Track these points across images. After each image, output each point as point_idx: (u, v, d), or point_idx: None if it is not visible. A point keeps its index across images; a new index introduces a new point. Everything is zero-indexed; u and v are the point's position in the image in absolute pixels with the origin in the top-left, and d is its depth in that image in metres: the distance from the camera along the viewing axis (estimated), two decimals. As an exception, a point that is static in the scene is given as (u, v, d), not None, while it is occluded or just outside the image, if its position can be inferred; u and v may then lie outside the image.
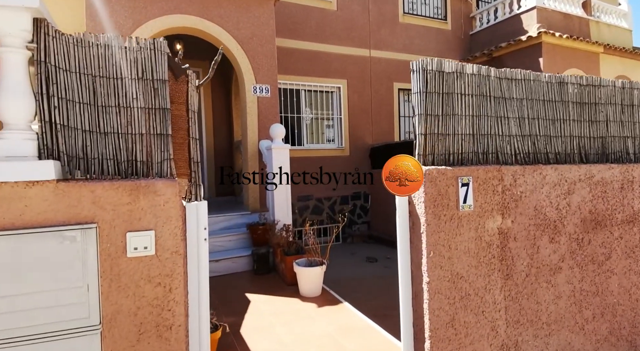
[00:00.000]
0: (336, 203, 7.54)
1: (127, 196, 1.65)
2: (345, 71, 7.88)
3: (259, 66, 5.71)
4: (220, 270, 4.89)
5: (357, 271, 5.71)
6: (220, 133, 7.64)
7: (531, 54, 8.31)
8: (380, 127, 8.26)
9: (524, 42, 8.26)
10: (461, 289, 2.23)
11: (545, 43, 8.15)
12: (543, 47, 8.11)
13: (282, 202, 5.11)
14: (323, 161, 7.48)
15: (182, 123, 1.86)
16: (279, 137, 5.13)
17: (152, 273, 1.68)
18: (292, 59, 7.34)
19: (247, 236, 5.28)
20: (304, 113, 7.51)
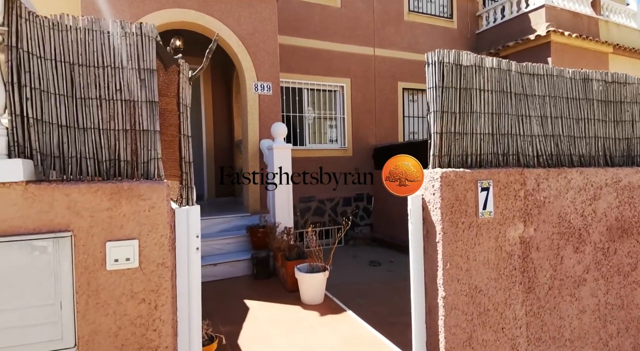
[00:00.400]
0: (338, 204, 7.33)
1: (107, 201, 1.45)
2: (348, 70, 7.68)
3: (260, 62, 5.50)
4: (218, 274, 4.68)
5: (360, 275, 5.50)
6: (220, 132, 7.44)
7: (539, 54, 8.08)
8: (384, 127, 8.05)
9: (532, 41, 8.04)
10: (480, 304, 2.02)
11: (554, 42, 7.93)
12: (552, 47, 7.88)
13: (283, 204, 4.90)
14: (325, 162, 7.27)
15: (173, 118, 1.65)
16: (281, 137, 4.93)
17: (135, 288, 1.48)
18: (295, 57, 7.13)
19: (246, 239, 5.07)
20: (306, 112, 7.30)
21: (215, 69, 7.38)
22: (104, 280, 1.45)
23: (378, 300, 4.35)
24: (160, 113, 1.63)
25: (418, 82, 8.57)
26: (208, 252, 4.92)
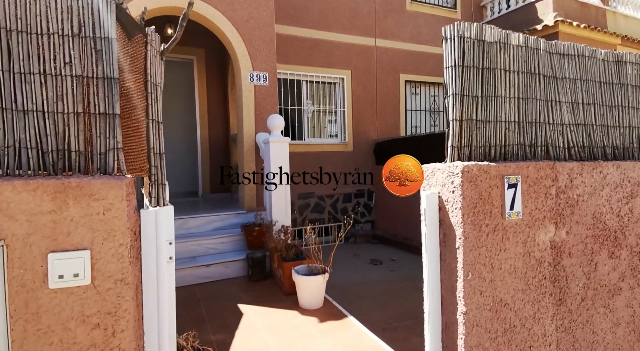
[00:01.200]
0: (338, 201, 7.03)
1: (49, 201, 1.14)
2: (349, 61, 7.34)
3: (256, 51, 5.17)
4: (212, 276, 4.39)
5: (361, 274, 5.21)
6: (215, 126, 7.10)
7: (546, 45, 7.75)
8: (385, 121, 7.73)
9: (539, 31, 7.70)
10: (505, 320, 1.72)
11: (562, 33, 7.59)
12: (559, 37, 7.53)
13: (280, 200, 4.59)
14: (325, 157, 6.96)
15: (138, 100, 1.33)
16: (278, 130, 4.61)
17: (87, 311, 1.17)
18: (293, 47, 6.80)
19: (242, 238, 4.77)
20: (305, 105, 6.97)
21: (210, 59, 7.04)
22: (47, 301, 1.14)
23: (380, 302, 4.06)
24: (122, 93, 1.31)
25: (421, 74, 8.24)
26: (201, 252, 4.62)
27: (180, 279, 4.25)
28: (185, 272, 4.28)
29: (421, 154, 3.36)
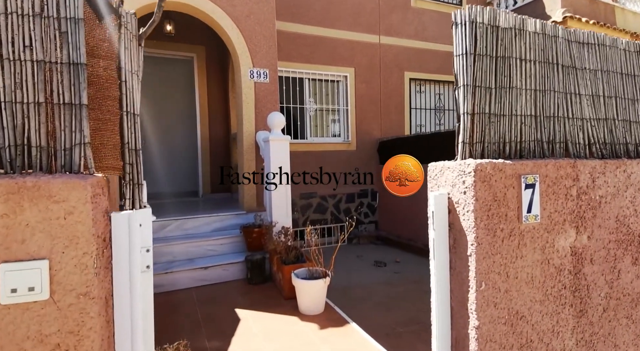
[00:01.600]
0: (341, 201, 6.86)
1: (0, 204, 0.99)
2: (352, 59, 7.17)
3: (256, 47, 5.01)
4: (210, 279, 4.24)
5: (364, 277, 5.04)
6: (216, 124, 6.96)
7: (554, 42, 7.53)
8: (389, 120, 7.55)
9: (547, 28, 7.49)
10: (521, 334, 1.55)
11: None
12: (568, 34, 7.33)
13: (280, 201, 4.44)
14: (328, 156, 6.80)
15: (110, 89, 1.18)
16: (278, 128, 4.45)
17: (45, 330, 1.02)
18: (295, 44, 6.64)
19: (241, 240, 4.62)
20: (307, 104, 6.82)
21: (211, 57, 6.90)
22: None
23: (384, 306, 3.90)
24: (92, 81, 1.16)
25: (426, 71, 8.05)
26: (200, 254, 4.48)
27: (177, 282, 4.11)
28: (183, 275, 4.13)
29: (427, 153, 3.22)
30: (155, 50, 6.28)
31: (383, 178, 2.03)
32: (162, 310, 3.56)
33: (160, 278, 4.01)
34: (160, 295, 3.97)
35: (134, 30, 1.30)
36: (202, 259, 4.41)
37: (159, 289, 4.01)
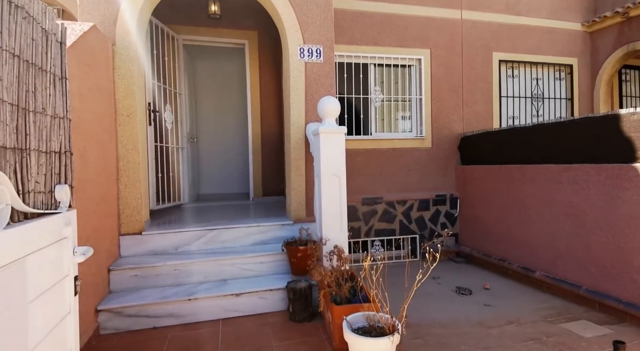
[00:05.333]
0: (413, 208, 5.43)
1: None
2: (427, 39, 5.70)
3: (307, 19, 3.86)
4: (243, 309, 3.16)
5: (444, 310, 3.62)
6: (268, 120, 5.96)
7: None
8: (474, 111, 5.94)
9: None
10: None
11: None
12: None
13: (333, 210, 3.21)
14: (396, 155, 5.43)
15: None
16: (331, 116, 3.24)
17: None
18: (359, 25, 5.38)
19: (285, 258, 3.49)
20: (372, 94, 5.51)
21: (264, 42, 5.91)
22: None
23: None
24: None
25: (519, 51, 6.27)
26: (234, 273, 3.43)
27: (203, 311, 3.09)
28: (210, 303, 3.10)
29: (527, 151, 1.76)
30: (202, 38, 5.46)
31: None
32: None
33: (180, 306, 3.03)
34: (177, 328, 2.98)
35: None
36: (236, 281, 3.36)
37: (178, 320, 3.03)
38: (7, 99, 1.07)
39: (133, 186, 3.47)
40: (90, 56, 2.86)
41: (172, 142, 5.03)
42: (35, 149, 1.23)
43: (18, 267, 1.09)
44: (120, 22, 3.40)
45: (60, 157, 1.41)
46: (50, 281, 1.28)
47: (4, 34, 1.03)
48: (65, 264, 1.40)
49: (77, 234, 2.38)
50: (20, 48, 1.12)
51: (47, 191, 1.33)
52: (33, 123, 1.21)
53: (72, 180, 1.48)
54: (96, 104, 2.94)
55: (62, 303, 1.36)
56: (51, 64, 1.31)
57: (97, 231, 2.90)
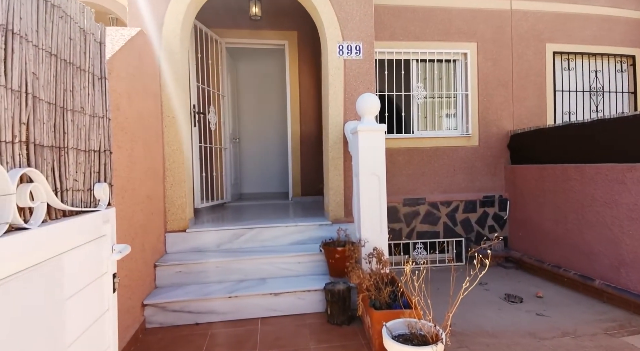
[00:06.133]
0: (458, 210, 5.14)
1: None
2: (474, 31, 5.38)
3: (347, 15, 3.75)
4: (281, 309, 3.12)
5: (491, 318, 3.36)
6: (307, 120, 5.91)
7: None
8: (525, 106, 5.52)
9: None
10: None
11: None
12: None
13: (372, 211, 3.08)
14: (440, 154, 5.17)
15: None
16: (370, 114, 3.11)
17: None
18: (400, 20, 5.18)
19: (322, 259, 3.41)
20: (414, 90, 5.29)
21: (304, 43, 5.87)
22: None
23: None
24: None
25: (575, 42, 5.74)
26: (273, 273, 3.40)
27: (243, 309, 3.08)
28: (250, 301, 3.09)
29: (586, 149, 1.54)
30: (244, 40, 5.53)
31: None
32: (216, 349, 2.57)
33: (221, 303, 3.04)
34: (218, 324, 3.00)
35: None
36: (274, 280, 3.33)
37: (219, 316, 3.04)
38: (44, 97, 1.07)
39: (178, 185, 3.55)
40: (137, 60, 2.95)
41: (216, 143, 5.13)
42: (73, 148, 1.24)
43: (55, 264, 1.09)
44: (166, 27, 3.49)
45: (99, 156, 1.42)
46: (88, 278, 1.28)
47: (40, 33, 1.04)
48: (104, 261, 1.40)
49: (122, 231, 2.46)
50: (57, 47, 1.13)
51: (86, 189, 1.34)
52: (71, 122, 1.22)
53: (111, 178, 1.49)
54: (143, 106, 3.03)
55: (100, 300, 1.37)
56: (89, 63, 1.32)
57: (144, 228, 2.98)
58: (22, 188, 0.96)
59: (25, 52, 1.00)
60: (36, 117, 1.05)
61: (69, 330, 1.15)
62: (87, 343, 1.25)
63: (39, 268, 1.01)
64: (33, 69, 1.03)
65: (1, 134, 0.91)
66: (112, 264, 1.44)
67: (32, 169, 0.99)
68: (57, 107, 1.14)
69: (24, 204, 0.96)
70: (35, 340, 0.98)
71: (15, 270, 0.92)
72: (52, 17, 1.09)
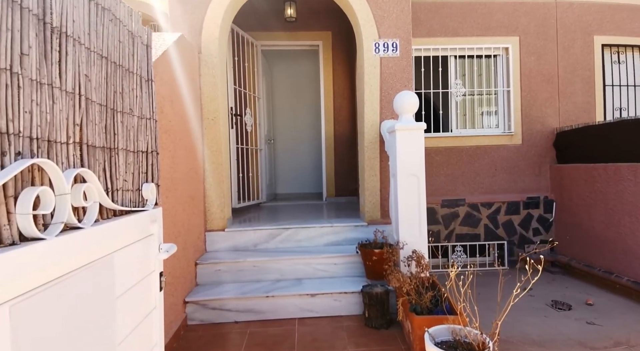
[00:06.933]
0: (500, 211, 4.89)
1: None
2: (516, 25, 5.11)
3: (383, 12, 3.66)
4: (317, 309, 3.08)
5: (537, 326, 3.15)
6: (340, 119, 5.84)
7: None
8: (572, 102, 5.17)
9: None
10: None
11: None
12: None
13: (411, 213, 2.97)
14: (480, 153, 4.94)
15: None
16: (408, 112, 3.00)
17: None
18: (438, 16, 5.01)
19: (358, 260, 3.34)
20: (453, 88, 5.09)
21: (338, 42, 5.82)
22: None
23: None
24: None
25: (627, 34, 5.32)
26: (309, 273, 3.37)
27: (280, 309, 3.07)
28: (287, 301, 3.08)
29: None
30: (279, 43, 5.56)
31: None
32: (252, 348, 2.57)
33: (259, 302, 3.05)
34: (255, 323, 3.00)
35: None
36: (310, 281, 3.29)
37: (257, 316, 3.05)
38: (96, 99, 1.09)
39: (217, 185, 3.60)
40: (179, 64, 3.02)
41: (252, 144, 5.18)
42: (123, 149, 1.25)
43: (106, 263, 1.10)
44: (205, 32, 3.55)
45: (147, 157, 1.44)
46: (137, 277, 1.29)
47: (91, 36, 1.05)
48: (151, 260, 1.41)
49: (166, 230, 2.51)
50: (107, 50, 1.14)
51: (135, 189, 1.35)
52: (121, 123, 1.23)
53: (158, 179, 1.50)
54: (185, 109, 3.09)
55: (148, 299, 1.38)
56: (137, 66, 1.33)
57: (186, 227, 3.04)
58: (76, 188, 0.97)
59: (78, 55, 1.01)
60: (89, 118, 1.06)
61: (119, 328, 1.16)
62: (135, 341, 1.26)
63: (92, 266, 1.02)
64: (85, 71, 1.04)
65: (56, 135, 0.93)
66: (159, 263, 1.44)
67: (86, 169, 1.00)
68: (108, 109, 1.16)
69: (78, 203, 0.97)
70: (87, 339, 0.99)
71: (70, 269, 0.92)
72: (102, 20, 1.11)
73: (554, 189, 4.94)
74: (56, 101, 0.92)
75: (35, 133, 0.85)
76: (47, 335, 0.83)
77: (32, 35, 0.83)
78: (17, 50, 0.79)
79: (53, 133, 0.91)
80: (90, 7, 1.04)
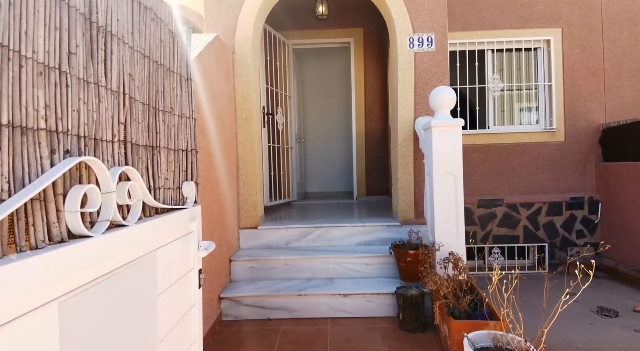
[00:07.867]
0: (540, 212, 4.64)
1: None
2: (557, 16, 4.81)
3: (418, 6, 3.53)
4: (350, 310, 3.02)
5: (582, 333, 2.95)
6: (372, 117, 5.73)
7: None
8: (619, 97, 4.82)
9: None
10: None
11: None
12: None
13: (447, 213, 2.86)
14: (520, 150, 4.70)
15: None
16: (445, 109, 2.88)
17: None
18: (474, 9, 4.80)
19: (392, 261, 3.25)
20: (490, 83, 4.87)
21: (369, 39, 5.71)
22: None
23: None
24: None
25: (684, 22, 4.89)
26: (340, 273, 3.32)
27: (312, 307, 3.05)
28: (319, 300, 3.04)
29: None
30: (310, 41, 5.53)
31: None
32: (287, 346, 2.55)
33: (291, 300, 3.03)
34: (288, 321, 2.99)
35: None
36: (342, 280, 3.24)
37: (289, 314, 3.03)
38: (139, 98, 1.09)
39: (250, 184, 3.62)
40: (214, 64, 3.05)
41: (283, 143, 5.19)
42: (164, 147, 1.25)
43: (149, 260, 1.10)
44: (239, 32, 3.57)
45: (187, 155, 1.44)
46: (177, 274, 1.30)
47: (135, 35, 1.05)
48: (191, 257, 1.41)
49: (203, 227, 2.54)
50: (149, 49, 1.14)
51: (175, 187, 1.35)
52: (162, 122, 1.23)
53: (197, 177, 1.50)
54: (220, 108, 3.12)
55: (187, 295, 1.38)
56: (177, 65, 1.33)
57: (221, 224, 3.07)
58: (121, 185, 0.97)
59: (123, 54, 1.01)
60: (132, 117, 1.06)
61: (161, 325, 1.16)
62: (176, 338, 1.26)
63: (136, 264, 1.02)
64: (129, 70, 1.04)
65: (102, 133, 0.93)
66: (198, 261, 1.44)
67: (130, 167, 1.00)
68: (150, 108, 1.16)
69: (122, 201, 0.97)
70: (130, 336, 0.99)
71: (115, 266, 0.92)
72: (145, 19, 1.11)
73: (600, 188, 4.62)
74: (102, 100, 0.92)
75: (83, 132, 0.85)
76: (92, 331, 0.83)
77: (79, 34, 0.84)
78: (65, 49, 0.79)
79: (99, 132, 0.92)
80: (133, 6, 1.04)
